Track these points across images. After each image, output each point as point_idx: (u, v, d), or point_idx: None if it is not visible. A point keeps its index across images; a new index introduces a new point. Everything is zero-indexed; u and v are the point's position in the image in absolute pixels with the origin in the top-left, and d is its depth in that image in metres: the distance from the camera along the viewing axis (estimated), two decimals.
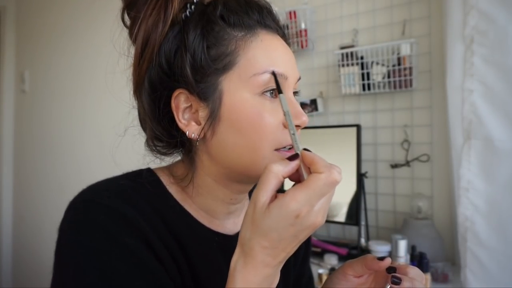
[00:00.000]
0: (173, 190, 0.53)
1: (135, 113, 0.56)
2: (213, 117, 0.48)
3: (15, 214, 2.77)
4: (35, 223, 2.60)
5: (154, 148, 0.54)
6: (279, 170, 0.38)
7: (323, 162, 0.38)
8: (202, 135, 0.49)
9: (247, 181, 0.53)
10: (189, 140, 0.52)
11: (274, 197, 0.38)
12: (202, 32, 0.48)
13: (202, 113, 0.49)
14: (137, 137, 0.57)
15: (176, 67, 0.49)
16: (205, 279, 0.51)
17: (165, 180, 0.54)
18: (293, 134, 0.42)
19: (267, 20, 0.51)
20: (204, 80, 0.48)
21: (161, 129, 0.51)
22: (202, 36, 0.48)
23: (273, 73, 0.47)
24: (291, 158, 0.40)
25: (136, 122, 0.56)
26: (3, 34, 2.79)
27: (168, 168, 0.56)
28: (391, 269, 0.49)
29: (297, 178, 0.41)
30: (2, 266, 2.71)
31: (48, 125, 2.60)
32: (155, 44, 0.49)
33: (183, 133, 0.50)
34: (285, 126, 0.49)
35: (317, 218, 0.37)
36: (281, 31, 0.54)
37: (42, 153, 2.62)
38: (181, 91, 0.49)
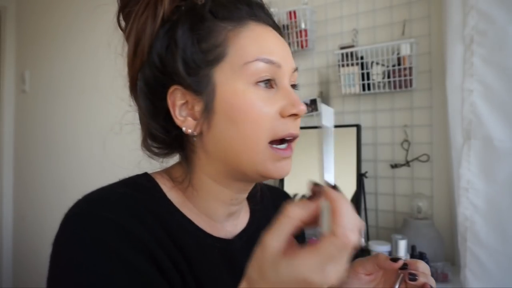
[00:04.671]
0: (172, 195, 0.52)
1: (132, 112, 0.55)
2: (208, 110, 0.48)
3: (15, 213, 2.78)
4: (36, 223, 2.60)
5: (150, 148, 0.53)
6: (297, 213, 0.35)
7: (342, 217, 0.33)
8: (198, 130, 0.49)
9: (244, 178, 0.52)
10: (187, 138, 0.51)
11: (290, 244, 0.35)
12: (191, 27, 0.48)
13: (198, 108, 0.49)
14: (133, 134, 0.56)
15: (168, 63, 0.48)
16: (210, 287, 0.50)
17: (164, 185, 0.52)
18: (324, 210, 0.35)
19: (257, 13, 0.51)
20: (196, 74, 0.48)
21: (159, 127, 0.50)
22: (191, 30, 0.48)
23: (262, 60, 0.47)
24: (312, 197, 0.36)
25: (133, 120, 0.55)
26: (3, 34, 2.79)
27: (166, 172, 0.55)
28: (404, 266, 0.50)
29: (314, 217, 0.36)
30: (2, 265, 2.72)
31: (48, 125, 2.60)
32: (147, 42, 0.49)
33: (181, 130, 0.49)
34: (282, 116, 0.48)
35: (329, 280, 0.34)
36: (275, 24, 0.54)
37: (42, 153, 2.63)
38: (176, 87, 0.48)
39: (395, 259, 0.50)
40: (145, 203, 0.48)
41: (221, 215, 0.55)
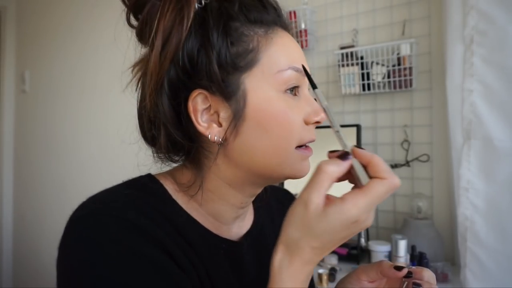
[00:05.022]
0: (178, 197, 0.51)
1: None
2: (237, 117, 0.46)
3: (15, 213, 2.78)
4: (36, 223, 2.60)
5: (168, 155, 0.51)
6: (334, 170, 0.38)
7: (384, 165, 0.37)
8: (224, 137, 0.47)
9: (264, 183, 0.52)
10: (200, 143, 0.49)
11: (327, 199, 0.38)
12: (225, 29, 0.46)
13: (224, 114, 0.47)
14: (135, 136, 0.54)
15: (200, 65, 0.46)
16: (220, 287, 0.50)
17: (170, 188, 0.51)
18: (337, 131, 0.41)
19: (282, 18, 0.51)
20: (226, 79, 0.46)
21: (180, 133, 0.48)
22: (225, 33, 0.46)
23: (303, 68, 0.48)
24: (343, 157, 0.39)
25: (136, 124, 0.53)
26: (3, 34, 2.79)
27: (170, 174, 0.53)
28: (408, 274, 0.50)
29: (346, 177, 0.41)
30: (2, 265, 2.72)
31: (48, 125, 2.60)
32: (179, 41, 0.45)
33: (200, 136, 0.48)
34: (306, 123, 0.49)
35: (369, 221, 0.38)
36: (292, 31, 0.54)
37: (42, 153, 2.63)
38: (200, 91, 0.46)
39: (399, 268, 0.50)
40: (152, 203, 0.47)
41: (229, 218, 0.54)
